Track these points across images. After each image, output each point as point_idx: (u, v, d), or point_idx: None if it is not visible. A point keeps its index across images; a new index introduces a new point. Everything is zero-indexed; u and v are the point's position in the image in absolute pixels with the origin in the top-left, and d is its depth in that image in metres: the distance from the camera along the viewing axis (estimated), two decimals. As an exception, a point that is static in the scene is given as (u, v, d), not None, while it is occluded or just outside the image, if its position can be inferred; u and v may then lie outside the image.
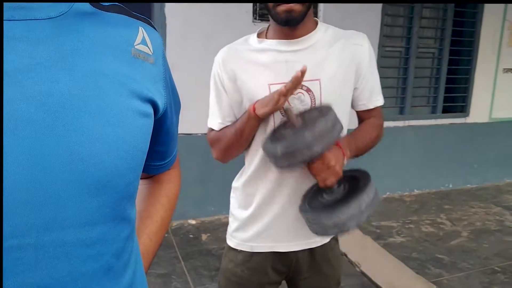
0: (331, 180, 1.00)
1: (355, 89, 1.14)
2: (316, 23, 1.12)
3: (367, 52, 1.12)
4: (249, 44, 1.12)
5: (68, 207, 0.46)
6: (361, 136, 1.15)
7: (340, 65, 1.08)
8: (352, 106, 1.18)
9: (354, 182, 1.05)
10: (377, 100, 1.17)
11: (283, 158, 0.97)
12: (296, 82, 0.93)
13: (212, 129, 1.17)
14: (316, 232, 1.03)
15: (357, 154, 1.12)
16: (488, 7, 3.81)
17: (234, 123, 1.12)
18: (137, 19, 0.58)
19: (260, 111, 1.01)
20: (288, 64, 1.06)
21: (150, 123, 0.56)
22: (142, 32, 0.56)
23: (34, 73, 0.44)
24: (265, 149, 1.04)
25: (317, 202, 1.04)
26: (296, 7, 1.00)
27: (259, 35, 1.13)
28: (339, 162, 1.01)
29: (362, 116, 1.20)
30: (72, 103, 0.46)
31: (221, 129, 1.15)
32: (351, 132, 1.16)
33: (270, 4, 1.02)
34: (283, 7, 1.00)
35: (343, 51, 1.09)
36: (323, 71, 1.07)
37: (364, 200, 0.97)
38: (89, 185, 0.47)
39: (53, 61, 0.46)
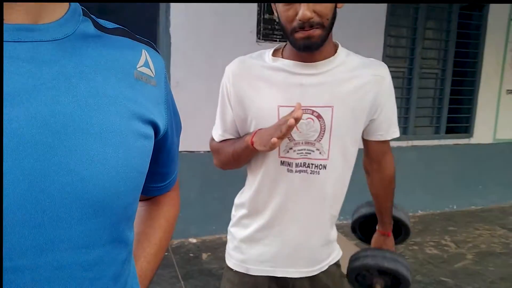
0: None
1: (372, 120, 1.10)
2: (336, 47, 1.07)
3: (388, 84, 1.08)
4: (264, 60, 1.07)
5: (66, 228, 0.46)
6: (390, 206, 1.30)
7: (356, 94, 1.04)
8: (367, 136, 1.15)
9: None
10: (394, 132, 1.15)
11: None
12: (290, 129, 0.89)
13: (214, 138, 1.17)
14: None
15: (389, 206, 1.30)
16: (491, 29, 3.84)
17: (233, 142, 1.10)
18: (140, 42, 0.58)
19: (258, 148, 0.99)
20: (302, 88, 1.02)
21: (150, 144, 0.56)
22: (145, 55, 0.57)
23: (38, 94, 0.45)
24: None
25: None
26: (315, 33, 0.95)
27: (274, 53, 1.08)
28: None
29: (374, 148, 1.16)
30: (74, 124, 0.46)
31: (221, 141, 1.14)
32: (380, 208, 1.29)
33: (288, 30, 0.97)
34: (301, 34, 0.95)
35: (362, 81, 1.04)
36: (337, 98, 1.02)
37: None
38: (88, 207, 0.47)
39: (57, 82, 0.46)
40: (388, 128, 1.13)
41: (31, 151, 0.43)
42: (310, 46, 0.97)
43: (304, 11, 0.92)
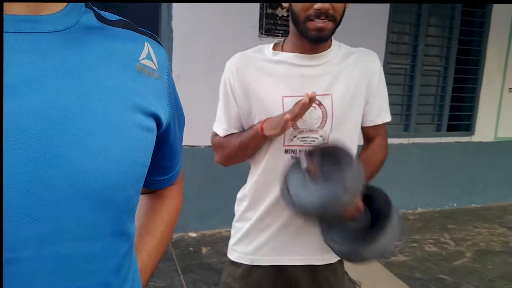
0: (355, 215, 1.02)
1: (366, 102, 1.14)
2: (331, 40, 1.12)
3: (378, 69, 1.14)
4: (264, 54, 1.10)
5: (67, 220, 0.46)
6: (372, 163, 1.17)
7: (352, 80, 1.10)
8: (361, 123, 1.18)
9: (374, 203, 1.05)
10: (385, 116, 1.18)
11: (309, 214, 1.00)
12: (304, 109, 0.94)
13: (217, 134, 1.17)
14: (351, 260, 1.05)
15: (368, 181, 1.14)
16: (494, 27, 3.82)
17: (240, 134, 1.12)
18: (143, 34, 0.58)
19: (268, 133, 1.01)
20: (303, 78, 1.06)
21: (152, 137, 0.56)
22: (147, 47, 0.56)
23: (39, 85, 0.45)
24: (285, 199, 1.02)
25: (344, 232, 1.04)
26: (328, 26, 1.00)
27: (274, 47, 1.12)
28: (359, 199, 1.02)
29: (368, 132, 1.20)
30: (76, 116, 0.46)
31: (225, 136, 1.15)
32: (361, 160, 1.17)
33: (302, 18, 1.01)
34: (315, 25, 1.00)
35: (355, 67, 1.11)
36: (335, 87, 1.08)
37: (396, 220, 1.00)
38: (89, 199, 0.47)
39: (58, 73, 0.46)
40: (379, 113, 1.17)
41: (32, 143, 0.43)
42: (320, 38, 1.02)
43: (322, 2, 0.98)
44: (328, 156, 0.99)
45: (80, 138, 0.46)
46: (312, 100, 0.93)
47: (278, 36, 3.11)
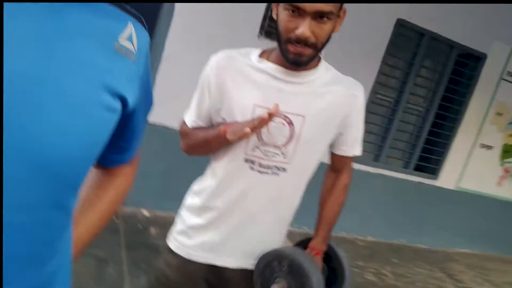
0: None
1: (340, 133, 1.15)
2: (319, 60, 1.11)
3: (360, 104, 1.14)
4: (250, 59, 1.09)
5: (9, 186, 0.45)
6: (334, 210, 1.23)
7: (329, 108, 1.09)
8: (331, 148, 1.20)
9: (330, 259, 1.21)
10: (357, 149, 1.21)
11: None
12: (262, 123, 0.95)
13: (185, 123, 1.17)
14: None
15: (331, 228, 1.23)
16: (482, 82, 3.95)
17: (205, 129, 1.12)
18: (129, 14, 0.57)
19: (229, 137, 1.02)
20: (280, 93, 1.05)
21: (115, 118, 0.55)
22: (130, 28, 0.56)
23: (9, 50, 0.43)
24: None
25: None
26: (307, 52, 0.98)
27: (261, 54, 1.11)
28: None
29: (336, 160, 1.22)
30: (42, 85, 0.45)
31: (193, 127, 1.15)
32: (323, 214, 1.23)
33: (283, 38, 1.00)
34: (294, 49, 0.98)
35: (336, 97, 1.10)
36: (310, 109, 1.07)
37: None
38: (35, 169, 0.46)
39: (31, 39, 0.45)
40: (352, 145, 1.19)
41: None
42: (298, 62, 1.01)
43: (304, 29, 0.96)
44: (295, 273, 1.09)
45: (41, 108, 0.45)
46: (271, 116, 0.93)
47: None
